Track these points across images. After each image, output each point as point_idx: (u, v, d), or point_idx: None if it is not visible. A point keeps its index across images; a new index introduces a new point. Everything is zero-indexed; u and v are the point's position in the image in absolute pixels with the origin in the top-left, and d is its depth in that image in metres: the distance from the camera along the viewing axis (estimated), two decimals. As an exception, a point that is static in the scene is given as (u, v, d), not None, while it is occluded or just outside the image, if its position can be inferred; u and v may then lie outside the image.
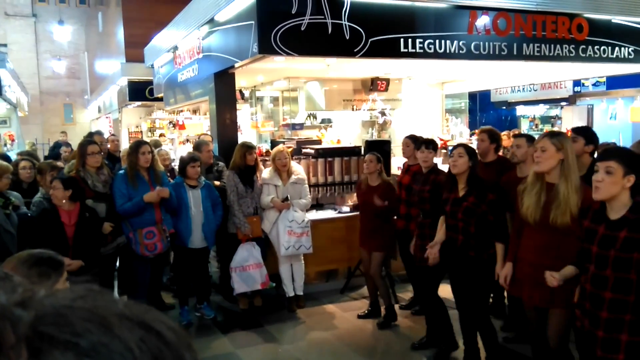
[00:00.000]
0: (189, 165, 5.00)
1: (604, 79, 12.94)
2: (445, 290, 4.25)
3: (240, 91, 9.06)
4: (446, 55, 6.21)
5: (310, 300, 5.60)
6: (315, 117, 8.93)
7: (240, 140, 6.10)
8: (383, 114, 8.79)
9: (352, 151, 6.35)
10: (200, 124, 11.44)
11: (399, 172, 5.45)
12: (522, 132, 7.63)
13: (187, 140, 10.79)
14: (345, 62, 6.51)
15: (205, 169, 5.46)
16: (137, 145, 4.78)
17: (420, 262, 4.18)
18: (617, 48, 7.27)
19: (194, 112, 11.69)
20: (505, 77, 9.50)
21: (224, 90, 6.67)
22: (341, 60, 6.22)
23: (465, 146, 3.72)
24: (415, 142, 4.77)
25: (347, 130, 9.06)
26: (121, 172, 4.76)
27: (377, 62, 6.61)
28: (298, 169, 5.51)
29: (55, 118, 22.48)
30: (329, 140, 8.17)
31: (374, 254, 4.81)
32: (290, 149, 5.96)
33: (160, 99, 10.37)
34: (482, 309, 3.71)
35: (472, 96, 13.81)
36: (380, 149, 5.71)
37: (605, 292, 2.44)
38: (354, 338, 4.72)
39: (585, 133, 3.98)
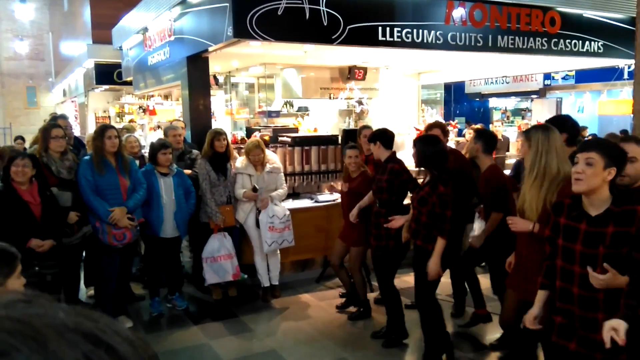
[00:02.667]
0: (159, 152, 4.83)
1: (573, 73, 13.22)
2: (402, 280, 4.33)
3: (215, 77, 8.86)
4: (423, 45, 6.21)
5: (286, 289, 5.56)
6: (291, 105, 8.82)
7: (214, 128, 5.93)
8: (360, 103, 8.74)
9: (330, 140, 6.27)
10: (172, 110, 11.17)
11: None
12: (480, 127, 7.67)
13: (158, 127, 10.51)
14: (323, 49, 6.41)
15: (176, 156, 5.30)
16: (103, 130, 4.55)
17: (376, 251, 4.19)
18: (587, 42, 7.37)
19: (166, 97, 11.40)
20: (479, 69, 9.57)
21: (197, 75, 6.48)
22: (319, 47, 6.12)
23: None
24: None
25: (324, 119, 8.98)
26: (86, 157, 4.53)
27: (355, 50, 6.54)
28: (273, 157, 5.40)
29: (17, 101, 21.62)
30: (306, 128, 8.08)
31: (353, 248, 4.75)
32: (267, 137, 5.85)
33: (129, 83, 10.03)
34: (423, 296, 3.73)
35: (447, 87, 13.98)
36: (357, 138, 5.64)
37: (599, 293, 2.30)
38: (330, 327, 4.71)
39: (556, 122, 3.90)
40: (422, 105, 9.86)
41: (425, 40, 6.18)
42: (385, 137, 4.29)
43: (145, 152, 5.73)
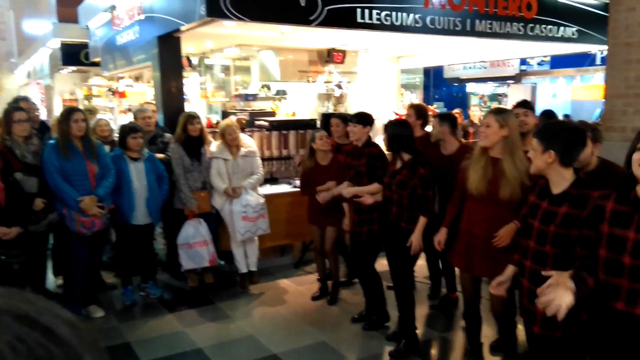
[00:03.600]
0: (129, 136, 4.65)
1: (548, 59, 13.36)
2: (380, 264, 4.30)
3: (188, 58, 8.62)
4: (402, 29, 6.14)
5: (264, 275, 5.49)
6: (269, 88, 8.65)
7: (187, 111, 5.75)
8: (339, 86, 8.63)
9: (308, 124, 6.17)
10: (143, 92, 10.86)
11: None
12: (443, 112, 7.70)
13: (129, 110, 10.21)
14: (301, 31, 6.26)
15: (148, 140, 5.13)
16: (69, 112, 4.33)
17: (359, 236, 4.17)
18: (562, 28, 7.41)
19: (136, 79, 11.06)
20: (457, 54, 9.55)
21: (169, 56, 6.27)
22: (296, 29, 5.97)
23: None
24: (345, 122, 4.85)
25: (302, 102, 8.84)
26: (52, 142, 4.31)
27: (333, 32, 6.41)
28: (248, 141, 5.27)
29: (-22, 83, 20.85)
30: (284, 112, 7.94)
31: (329, 229, 4.73)
32: (243, 120, 5.70)
33: (97, 64, 9.69)
34: (404, 277, 3.80)
35: (427, 72, 14.02)
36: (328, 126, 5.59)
37: (546, 269, 2.33)
38: (308, 312, 4.67)
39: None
40: (401, 89, 9.80)
41: (404, 24, 6.11)
42: (369, 120, 4.25)
43: (115, 136, 5.53)
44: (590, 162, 2.82)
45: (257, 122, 6.18)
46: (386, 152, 4.12)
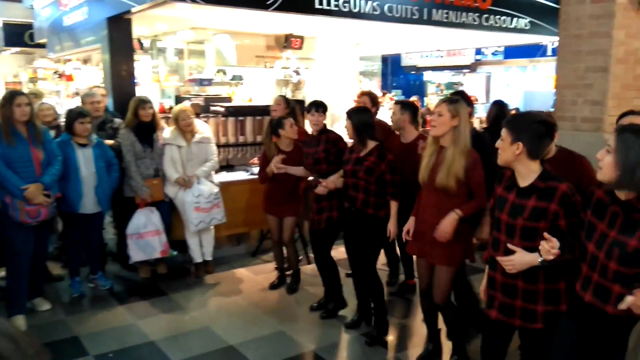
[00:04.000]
0: (76, 122, 4.45)
1: (502, 49, 13.66)
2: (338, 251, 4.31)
3: (139, 40, 8.31)
4: (360, 16, 6.12)
5: (220, 265, 5.40)
6: (225, 73, 8.46)
7: (139, 95, 5.54)
8: (297, 73, 8.52)
9: (266, 110, 6.02)
10: (92, 75, 10.44)
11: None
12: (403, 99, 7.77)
13: (77, 94, 9.79)
14: (258, 15, 6.12)
15: (96, 125, 4.92)
16: (12, 96, 4.08)
17: (318, 225, 4.15)
18: (515, 19, 7.55)
19: (85, 61, 10.62)
20: (415, 42, 9.60)
21: (119, 38, 6.02)
22: (253, 13, 5.83)
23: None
24: (288, 103, 4.95)
25: (259, 88, 8.69)
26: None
27: (291, 17, 6.31)
28: (203, 127, 5.13)
29: None
30: (240, 98, 7.79)
31: (287, 219, 4.66)
32: (200, 105, 5.54)
33: (43, 46, 9.25)
34: (372, 265, 3.81)
35: (385, 60, 14.07)
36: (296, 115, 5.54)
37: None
38: (265, 301, 4.62)
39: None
40: (359, 76, 9.78)
41: (362, 11, 6.08)
42: (325, 107, 4.23)
43: (62, 121, 5.28)
44: (549, 150, 2.84)
45: (213, 108, 6.02)
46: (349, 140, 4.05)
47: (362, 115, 3.70)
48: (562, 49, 4.35)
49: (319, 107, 4.22)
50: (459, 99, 3.18)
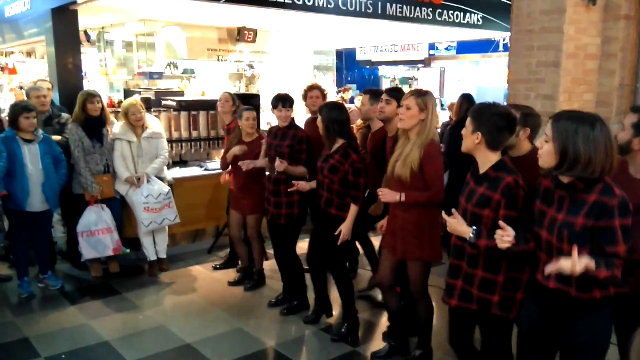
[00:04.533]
0: (21, 116, 4.25)
1: (455, 44, 13.92)
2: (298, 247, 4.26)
3: (86, 32, 8.03)
4: (314, 9, 6.10)
5: (175, 262, 5.29)
6: (176, 66, 8.28)
7: (86, 89, 5.35)
8: (251, 66, 8.43)
9: (219, 104, 5.94)
10: (36, 68, 10.03)
11: (267, 128, 5.18)
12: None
13: (21, 88, 9.38)
14: (209, 6, 6.01)
15: (42, 120, 4.73)
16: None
17: (277, 219, 4.10)
18: (468, 14, 7.71)
19: (29, 54, 10.20)
20: (369, 36, 9.66)
21: (65, 30, 5.82)
22: (204, 4, 5.72)
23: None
24: (234, 100, 4.91)
25: (212, 82, 8.54)
26: None
27: (243, 9, 6.23)
28: (153, 121, 5.00)
29: None
30: (193, 92, 7.64)
31: (250, 216, 4.56)
32: (150, 99, 5.39)
33: (-17, 38, 8.81)
34: (339, 264, 3.78)
35: (339, 54, 14.05)
36: (248, 103, 5.47)
37: (466, 244, 2.45)
38: (223, 298, 4.55)
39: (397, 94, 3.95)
40: (314, 71, 9.78)
41: (315, 4, 6.07)
42: (292, 101, 4.16)
43: (5, 116, 5.04)
44: (520, 147, 2.76)
45: (164, 102, 5.88)
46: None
47: (332, 112, 3.60)
48: (514, 44, 4.44)
49: (286, 101, 4.10)
50: (428, 92, 3.17)
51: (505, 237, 2.14)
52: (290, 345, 3.78)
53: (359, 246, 4.79)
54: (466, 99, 5.65)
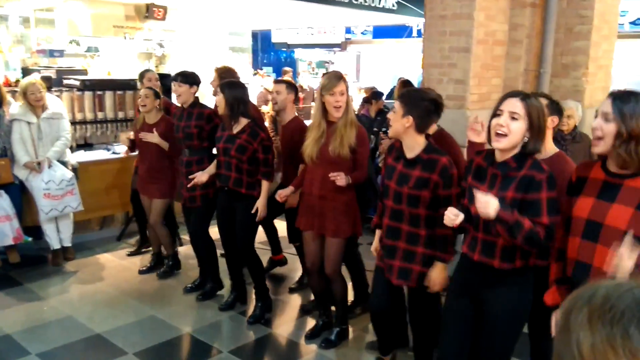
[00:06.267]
0: None
1: (372, 28, 14.12)
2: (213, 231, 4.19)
3: (-25, 7, 7.33)
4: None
5: (82, 250, 5.03)
6: (78, 43, 7.76)
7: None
8: (161, 45, 8.07)
9: (127, 84, 5.64)
10: None
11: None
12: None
13: None
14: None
15: None
16: None
17: (192, 202, 4.02)
18: (383, -1, 7.82)
19: None
20: (285, 18, 9.55)
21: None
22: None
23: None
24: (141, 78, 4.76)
25: (119, 61, 8.09)
26: None
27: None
28: (54, 102, 4.68)
29: None
30: (98, 71, 7.20)
31: (155, 201, 4.39)
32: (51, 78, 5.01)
33: None
34: (250, 244, 3.77)
35: (255, 35, 13.82)
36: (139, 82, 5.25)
37: (402, 225, 2.62)
38: (135, 286, 4.39)
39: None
40: (229, 52, 9.54)
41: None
42: (195, 80, 4.01)
43: None
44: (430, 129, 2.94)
45: (66, 82, 5.49)
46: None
47: (236, 91, 3.56)
48: (427, 29, 4.52)
49: (179, 76, 3.99)
50: (340, 75, 3.24)
51: (452, 215, 2.19)
52: (206, 330, 3.70)
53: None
54: (404, 83, 5.70)
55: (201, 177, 3.77)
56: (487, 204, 1.99)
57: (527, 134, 2.09)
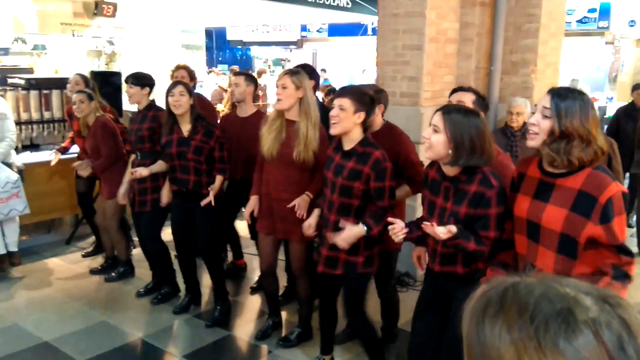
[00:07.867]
0: None
1: (327, 26, 14.17)
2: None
3: None
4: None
5: (29, 255, 4.85)
6: (24, 41, 7.50)
7: None
8: (111, 43, 7.85)
9: (75, 83, 5.45)
10: None
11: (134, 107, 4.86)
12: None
13: None
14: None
15: None
16: None
17: (142, 207, 3.93)
18: (337, -4, 7.84)
19: None
20: (240, 15, 9.48)
21: None
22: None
23: (185, 85, 3.56)
24: (87, 82, 4.56)
25: (67, 59, 7.84)
26: None
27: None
28: None
29: None
30: (45, 69, 6.96)
31: (107, 202, 4.27)
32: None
33: None
34: (211, 245, 3.72)
35: (209, 33, 13.63)
36: (107, 81, 5.16)
37: (331, 215, 2.71)
38: (85, 292, 4.25)
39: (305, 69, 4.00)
40: (182, 49, 9.37)
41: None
42: (147, 81, 3.92)
43: None
44: (375, 123, 2.96)
45: (11, 80, 5.30)
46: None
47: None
48: (381, 27, 4.55)
49: (130, 78, 3.90)
50: (299, 71, 3.16)
51: (397, 230, 2.24)
52: (160, 335, 3.61)
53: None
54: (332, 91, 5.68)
55: (142, 171, 3.69)
56: (437, 235, 2.08)
57: (450, 147, 2.09)
